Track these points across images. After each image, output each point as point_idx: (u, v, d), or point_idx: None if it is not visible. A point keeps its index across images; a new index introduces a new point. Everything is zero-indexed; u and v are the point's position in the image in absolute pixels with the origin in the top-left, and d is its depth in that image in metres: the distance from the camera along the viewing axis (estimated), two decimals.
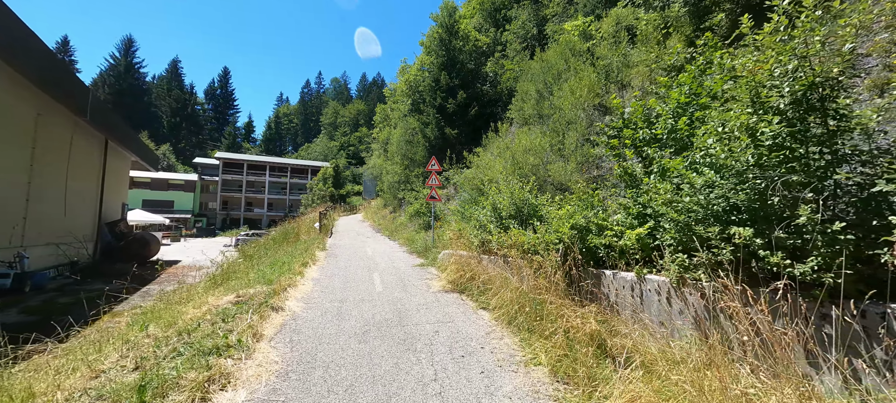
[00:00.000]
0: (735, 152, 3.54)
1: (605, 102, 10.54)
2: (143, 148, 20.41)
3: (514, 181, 7.29)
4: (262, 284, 6.20)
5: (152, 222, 33.10)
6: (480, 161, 11.64)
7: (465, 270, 6.47)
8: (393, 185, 23.64)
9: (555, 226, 5.17)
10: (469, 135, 20.81)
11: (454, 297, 5.96)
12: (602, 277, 4.83)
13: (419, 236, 13.74)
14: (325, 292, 6.26)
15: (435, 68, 22.57)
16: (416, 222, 15.89)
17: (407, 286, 6.73)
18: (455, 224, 11.07)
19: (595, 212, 5.24)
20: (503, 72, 22.40)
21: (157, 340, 3.84)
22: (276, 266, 8.15)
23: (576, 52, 12.22)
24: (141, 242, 17.72)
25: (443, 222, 13.61)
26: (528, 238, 5.43)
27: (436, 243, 10.88)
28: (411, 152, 22.77)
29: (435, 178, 11.67)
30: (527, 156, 9.74)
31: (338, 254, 11.07)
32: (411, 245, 12.30)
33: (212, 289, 6.74)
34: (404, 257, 10.75)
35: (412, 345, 4.03)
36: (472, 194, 11.60)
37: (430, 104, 21.96)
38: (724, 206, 3.65)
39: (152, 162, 21.90)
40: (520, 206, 6.61)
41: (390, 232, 17.53)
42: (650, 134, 5.20)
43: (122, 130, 17.17)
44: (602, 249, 4.93)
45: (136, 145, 18.97)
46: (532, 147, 9.87)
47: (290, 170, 66.05)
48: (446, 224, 13.08)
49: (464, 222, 10.57)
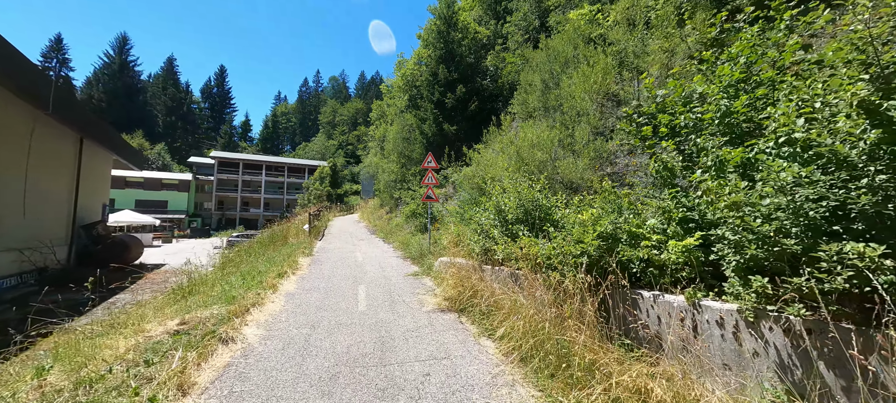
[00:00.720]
0: (849, 134, 2.50)
1: (621, 91, 9.51)
2: (125, 146, 19.34)
3: (520, 179, 6.25)
4: (222, 303, 5.17)
5: (142, 223, 32.05)
6: (481, 158, 10.60)
7: (465, 285, 5.44)
8: (389, 184, 22.60)
9: (576, 234, 4.13)
10: (468, 131, 19.76)
11: (451, 319, 4.93)
12: (639, 300, 3.80)
13: (415, 239, 12.71)
14: (296, 312, 5.22)
15: (433, 62, 21.51)
16: (413, 224, 14.86)
17: (396, 304, 5.70)
18: (453, 227, 10.04)
19: (624, 217, 4.21)
20: (504, 65, 21.35)
21: (45, 397, 2.80)
22: (248, 277, 7.11)
23: (585, 37, 11.18)
24: (120, 245, 16.67)
25: (440, 224, 12.58)
26: (541, 249, 4.39)
27: (432, 248, 9.84)
28: (408, 149, 21.73)
29: (432, 176, 10.64)
30: (534, 152, 8.70)
31: (324, 260, 10.03)
32: (406, 250, 11.27)
33: (168, 305, 5.72)
34: (397, 264, 9.71)
35: (394, 397, 3.00)
36: (472, 194, 10.57)
37: (428, 99, 20.91)
38: (822, 212, 2.62)
39: (137, 161, 20.83)
40: (529, 208, 5.57)
41: (386, 234, 16.50)
42: (694, 119, 4.16)
43: (99, 127, 16.10)
44: (636, 263, 3.90)
45: (117, 143, 17.89)
46: (539, 141, 8.83)
47: (286, 169, 64.96)
48: (444, 227, 12.05)
49: (463, 224, 9.54)
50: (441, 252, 9.16)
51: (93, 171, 16.99)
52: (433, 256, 9.16)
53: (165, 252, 27.02)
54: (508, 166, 8.88)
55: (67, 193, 14.76)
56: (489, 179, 8.50)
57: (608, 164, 8.99)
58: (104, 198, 19.34)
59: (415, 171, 20.02)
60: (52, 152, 13.27)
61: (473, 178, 10.02)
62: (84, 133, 14.73)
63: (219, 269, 9.01)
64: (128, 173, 52.36)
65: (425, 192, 10.60)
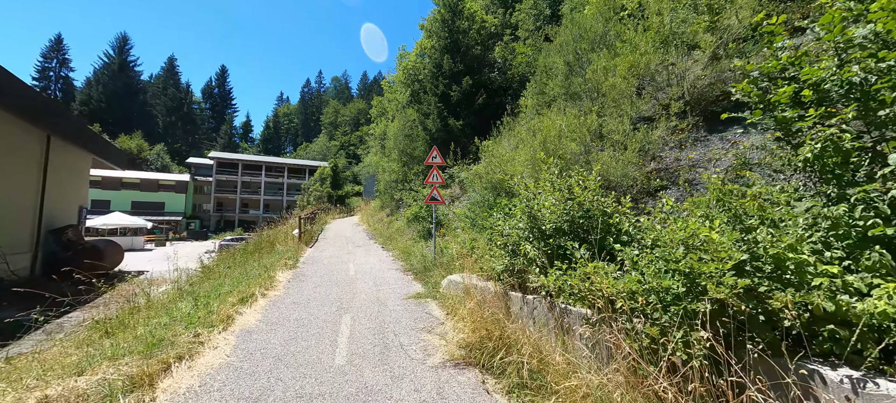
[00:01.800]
0: None
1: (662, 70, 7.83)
2: (102, 144, 17.85)
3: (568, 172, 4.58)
4: (139, 353, 3.55)
5: (133, 226, 30.63)
6: (496, 150, 8.94)
7: (487, 326, 3.78)
8: (389, 184, 20.98)
9: (687, 263, 2.46)
10: (476, 127, 18.09)
11: (471, 384, 3.27)
12: (811, 382, 2.12)
13: (417, 247, 11.07)
14: (241, 370, 3.57)
15: (437, 53, 19.89)
16: (415, 229, 13.21)
17: (390, 351, 4.05)
18: (464, 234, 8.38)
19: (764, 234, 2.53)
20: (514, 57, 19.67)
21: None
22: (202, 303, 5.49)
23: (616, 8, 9.51)
24: (93, 252, 15.14)
25: (447, 230, 10.92)
26: (622, 284, 2.72)
27: (438, 259, 8.19)
28: (410, 147, 20.08)
29: (437, 174, 9.01)
30: (564, 142, 7.04)
31: (308, 275, 8.40)
32: (407, 261, 9.63)
33: (75, 347, 4.13)
34: (396, 280, 8.07)
35: None
36: (484, 195, 8.92)
37: (432, 92, 19.27)
38: None
39: (118, 160, 19.33)
40: (577, 216, 3.91)
41: (385, 240, 14.86)
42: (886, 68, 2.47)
43: (69, 123, 14.60)
44: (799, 320, 2.22)
45: (90, 140, 16.38)
46: (570, 130, 7.17)
47: (287, 170, 63.58)
48: (451, 233, 10.38)
49: (475, 231, 7.88)
50: (449, 265, 7.50)
51: (66, 171, 15.50)
52: (440, 270, 7.51)
53: (153, 258, 25.53)
54: (531, 160, 7.23)
55: (32, 195, 13.25)
56: (509, 176, 6.85)
57: (651, 159, 7.32)
58: (82, 200, 17.85)
59: (417, 170, 18.39)
60: (10, 150, 11.76)
61: (486, 176, 8.37)
62: (50, 130, 13.21)
63: (184, 285, 7.40)
64: (123, 174, 51.12)
65: (429, 192, 8.97)
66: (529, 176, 6.82)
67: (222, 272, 9.31)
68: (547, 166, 4.64)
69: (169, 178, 53.21)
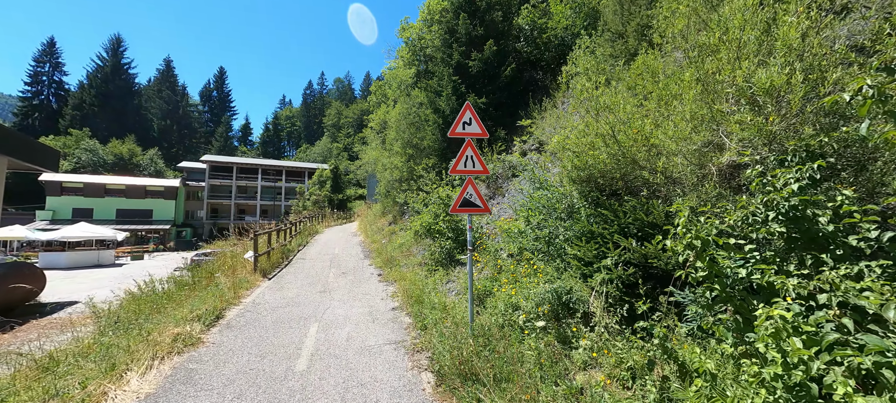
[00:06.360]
0: None
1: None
2: (16, 142, 13.72)
3: None
4: None
5: (100, 237, 26.66)
6: (609, 99, 4.41)
7: None
8: (391, 184, 16.61)
9: None
10: (506, 106, 13.73)
11: None
12: None
13: (432, 282, 6.67)
14: None
15: (449, 15, 15.63)
16: (428, 249, 8.82)
17: None
18: (524, 271, 4.03)
19: None
20: (549, 19, 15.28)
21: None
22: None
23: None
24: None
25: (486, 252, 6.51)
26: None
27: (483, 333, 3.81)
28: (416, 136, 15.72)
29: (473, 154, 4.62)
30: None
31: (203, 375, 4.05)
32: (419, 317, 5.27)
33: None
34: (398, 392, 3.68)
35: None
36: (569, 191, 4.59)
37: (444, 63, 14.90)
38: None
39: (45, 161, 15.18)
40: None
41: (384, 261, 10.49)
42: None
43: None
44: None
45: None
46: None
47: (285, 173, 59.68)
48: (491, 257, 6.00)
49: (552, 267, 3.52)
50: (506, 358, 3.11)
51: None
52: (488, 365, 3.11)
53: (116, 277, 21.39)
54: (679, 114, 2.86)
55: None
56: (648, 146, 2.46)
57: None
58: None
59: (426, 164, 14.07)
60: None
61: (585, 153, 3.98)
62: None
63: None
64: (108, 180, 47.53)
65: (460, 192, 4.57)
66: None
67: (131, 320, 5.03)
68: None
69: (157, 183, 49.49)
